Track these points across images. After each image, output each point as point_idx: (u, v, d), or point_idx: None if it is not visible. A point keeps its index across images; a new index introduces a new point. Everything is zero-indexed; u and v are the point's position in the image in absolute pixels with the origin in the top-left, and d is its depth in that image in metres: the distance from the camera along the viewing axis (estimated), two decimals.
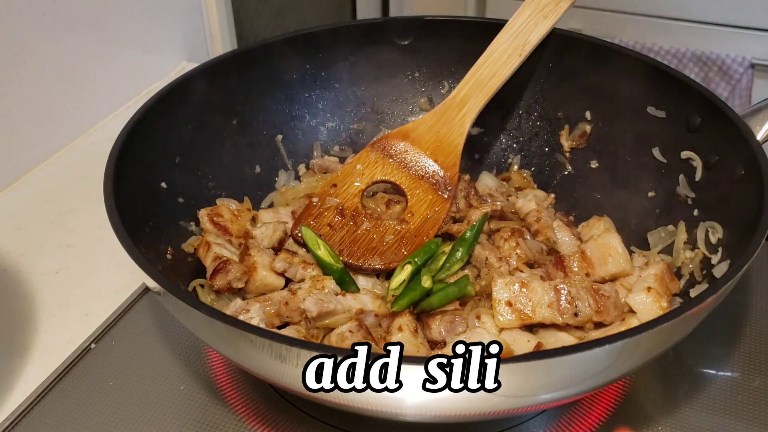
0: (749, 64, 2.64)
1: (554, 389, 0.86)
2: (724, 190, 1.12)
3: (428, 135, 1.30)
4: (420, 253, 1.16)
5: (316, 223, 1.24)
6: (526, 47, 1.30)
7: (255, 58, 1.36)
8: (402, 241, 1.22)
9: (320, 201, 1.27)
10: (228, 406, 1.09)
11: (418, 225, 1.24)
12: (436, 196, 1.26)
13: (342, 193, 1.28)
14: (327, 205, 1.26)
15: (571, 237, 1.25)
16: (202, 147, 1.29)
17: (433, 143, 1.29)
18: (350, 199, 1.27)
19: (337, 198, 1.27)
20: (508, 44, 1.31)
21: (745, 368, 1.12)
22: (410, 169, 1.28)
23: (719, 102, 1.15)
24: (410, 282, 1.13)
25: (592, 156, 1.38)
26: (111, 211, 0.98)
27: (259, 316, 1.05)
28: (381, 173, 1.29)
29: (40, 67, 1.57)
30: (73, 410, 1.08)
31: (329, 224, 1.24)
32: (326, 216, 1.25)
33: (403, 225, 1.24)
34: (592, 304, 1.04)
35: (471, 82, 1.31)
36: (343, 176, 1.30)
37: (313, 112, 1.46)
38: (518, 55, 1.30)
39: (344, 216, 1.25)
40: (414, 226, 1.24)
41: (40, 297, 1.30)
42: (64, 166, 1.63)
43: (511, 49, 1.30)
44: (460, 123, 1.29)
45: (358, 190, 1.28)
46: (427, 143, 1.30)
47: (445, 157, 1.29)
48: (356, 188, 1.28)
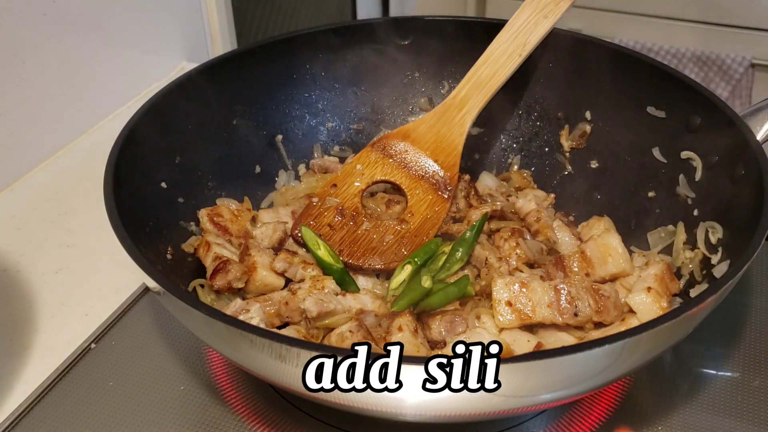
0: (749, 64, 2.64)
1: (554, 389, 0.86)
2: (724, 190, 1.12)
3: (428, 135, 1.30)
4: (420, 253, 1.17)
5: (316, 223, 1.24)
6: (526, 47, 1.29)
7: (255, 58, 1.36)
8: (402, 241, 1.22)
9: (320, 201, 1.27)
10: (228, 406, 1.09)
11: (418, 225, 1.24)
12: (436, 196, 1.26)
13: (342, 193, 1.28)
14: (327, 205, 1.26)
15: (571, 237, 1.25)
16: (202, 147, 1.29)
17: (433, 143, 1.30)
18: (350, 199, 1.27)
19: (337, 198, 1.27)
20: (508, 44, 1.30)
21: (745, 368, 1.12)
22: (410, 169, 1.29)
23: (719, 102, 1.15)
24: (410, 282, 1.13)
25: (592, 156, 1.38)
26: (111, 211, 0.98)
27: (259, 316, 1.05)
28: (381, 173, 1.30)
29: (40, 67, 1.57)
30: (73, 410, 1.08)
31: (329, 224, 1.24)
32: (326, 216, 1.25)
33: (403, 225, 1.24)
34: (592, 304, 1.04)
35: (471, 82, 1.31)
36: (343, 176, 1.30)
37: (313, 112, 1.46)
38: (518, 55, 1.29)
39: (344, 216, 1.25)
40: (414, 226, 1.24)
41: (40, 297, 1.30)
42: (64, 166, 1.63)
43: (511, 49, 1.30)
44: (461, 123, 1.29)
45: (358, 190, 1.28)
46: (427, 143, 1.30)
47: (446, 157, 1.29)
48: (356, 188, 1.28)
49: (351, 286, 1.15)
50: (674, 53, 2.72)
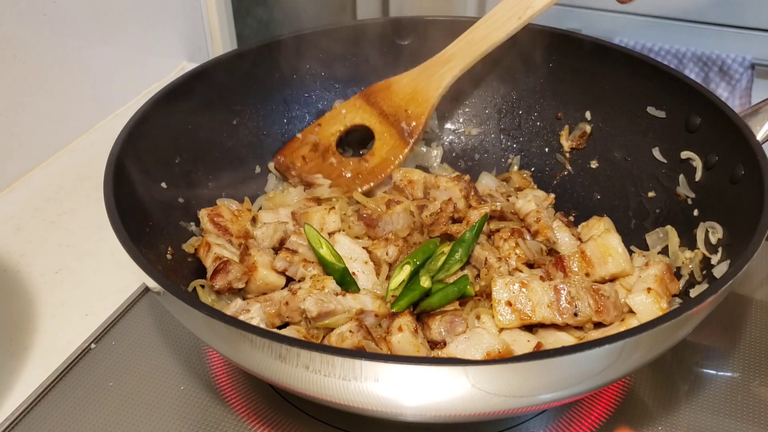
0: (749, 64, 2.64)
1: (554, 389, 0.86)
2: (724, 190, 1.12)
3: (408, 87, 1.38)
4: (418, 253, 1.17)
5: (295, 154, 1.39)
6: (528, 11, 1.28)
7: (255, 58, 1.36)
8: (358, 177, 1.37)
9: (303, 136, 1.41)
10: (228, 406, 1.09)
11: (375, 164, 1.38)
12: (400, 141, 1.36)
13: (322, 131, 1.41)
14: (306, 141, 1.40)
15: (571, 237, 1.25)
16: (202, 147, 1.29)
17: (410, 94, 1.38)
18: (327, 138, 1.41)
19: (317, 136, 1.40)
20: (510, 7, 1.30)
21: (745, 368, 1.12)
22: (386, 116, 1.39)
23: (719, 102, 1.15)
24: (409, 282, 1.13)
25: (592, 156, 1.38)
26: (111, 211, 0.98)
27: (259, 316, 1.05)
28: (360, 118, 1.40)
29: (40, 67, 1.57)
30: (73, 410, 1.08)
31: (303, 156, 1.39)
32: (303, 149, 1.40)
33: (363, 163, 1.37)
34: (591, 304, 1.04)
35: (463, 42, 1.34)
36: (329, 118, 1.42)
37: (313, 112, 1.46)
38: (518, 18, 1.28)
39: (317, 151, 1.39)
40: (371, 165, 1.38)
41: (40, 297, 1.30)
42: (64, 166, 1.63)
43: (511, 12, 1.29)
44: (439, 77, 1.35)
45: (337, 131, 1.41)
46: (405, 94, 1.38)
47: (416, 107, 1.36)
48: (335, 129, 1.41)
49: (351, 286, 1.15)
50: (674, 53, 2.72)
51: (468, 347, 0.98)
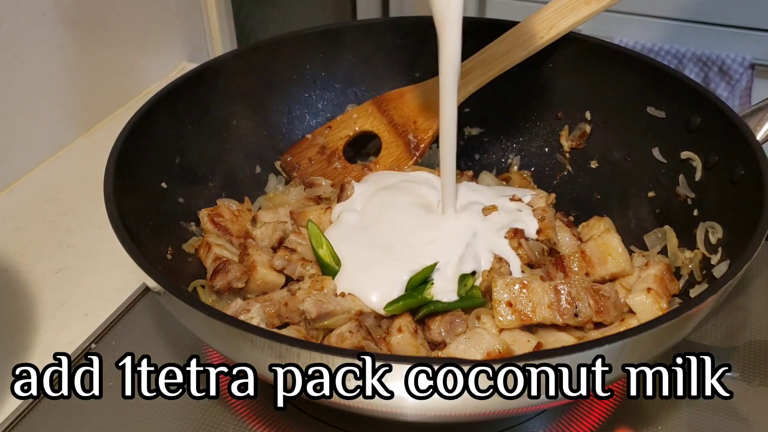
0: (749, 64, 2.64)
1: None
2: (724, 190, 1.12)
3: (420, 99, 1.36)
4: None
5: (301, 155, 1.39)
6: (551, 31, 1.26)
7: (255, 58, 1.36)
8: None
9: (312, 137, 1.40)
10: (228, 406, 1.09)
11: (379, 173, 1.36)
12: (406, 153, 1.35)
13: (331, 134, 1.41)
14: (315, 142, 1.40)
15: (571, 237, 1.25)
16: (202, 147, 1.29)
17: (420, 106, 1.36)
18: (335, 141, 1.40)
19: (326, 138, 1.40)
20: (534, 26, 1.27)
21: (745, 368, 1.12)
22: (395, 126, 1.37)
23: (719, 102, 1.15)
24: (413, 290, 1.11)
25: (592, 156, 1.38)
26: (111, 211, 0.98)
27: (259, 316, 1.05)
28: (370, 125, 1.39)
29: (40, 67, 1.57)
30: (73, 410, 1.08)
31: (309, 158, 1.39)
32: (310, 150, 1.40)
33: (367, 171, 1.36)
34: (592, 304, 1.04)
35: (481, 57, 1.31)
36: (340, 121, 1.41)
37: (313, 112, 1.46)
38: (540, 38, 1.26)
39: (324, 154, 1.39)
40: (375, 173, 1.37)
41: (40, 297, 1.30)
42: (64, 166, 1.63)
43: (534, 31, 1.27)
44: None
45: (346, 135, 1.40)
46: (415, 106, 1.36)
47: (425, 120, 1.34)
48: (345, 133, 1.40)
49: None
50: (674, 53, 2.71)
51: (468, 347, 0.98)
